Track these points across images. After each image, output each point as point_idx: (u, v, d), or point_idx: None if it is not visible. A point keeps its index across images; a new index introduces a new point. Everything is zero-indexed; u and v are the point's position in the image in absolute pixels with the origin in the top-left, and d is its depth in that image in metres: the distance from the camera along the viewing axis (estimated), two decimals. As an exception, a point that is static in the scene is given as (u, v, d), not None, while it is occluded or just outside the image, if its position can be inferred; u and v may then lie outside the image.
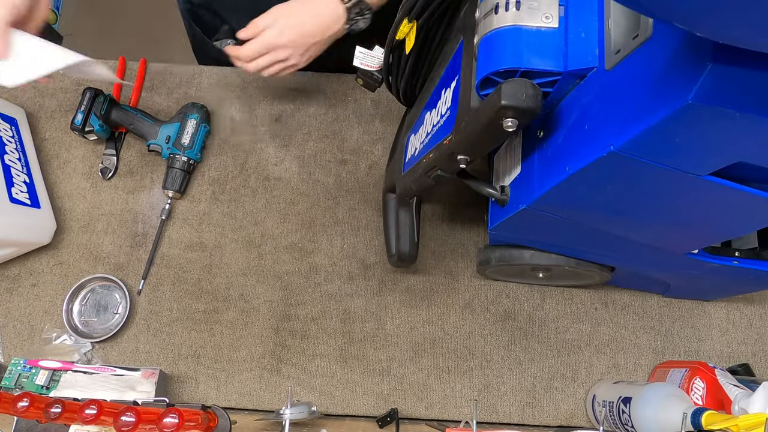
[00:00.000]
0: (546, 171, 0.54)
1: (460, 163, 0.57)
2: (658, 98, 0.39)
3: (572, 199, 0.54)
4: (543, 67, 0.49)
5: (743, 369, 0.78)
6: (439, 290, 0.84)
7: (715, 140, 0.40)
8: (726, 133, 0.39)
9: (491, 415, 0.79)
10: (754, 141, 0.39)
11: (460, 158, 0.56)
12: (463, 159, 0.56)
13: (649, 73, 0.41)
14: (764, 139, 0.39)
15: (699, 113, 0.37)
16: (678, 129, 0.39)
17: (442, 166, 0.60)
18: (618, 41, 0.47)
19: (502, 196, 0.62)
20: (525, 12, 0.49)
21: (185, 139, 0.86)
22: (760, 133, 0.38)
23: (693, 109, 0.36)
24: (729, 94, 0.35)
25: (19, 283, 0.84)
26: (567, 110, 0.52)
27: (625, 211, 0.54)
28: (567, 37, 0.49)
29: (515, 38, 0.49)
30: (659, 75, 0.39)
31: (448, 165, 0.59)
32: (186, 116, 0.88)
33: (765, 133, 0.38)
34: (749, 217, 0.52)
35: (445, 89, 0.62)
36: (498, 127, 0.48)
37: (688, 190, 0.47)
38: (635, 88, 0.42)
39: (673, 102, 0.37)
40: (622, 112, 0.43)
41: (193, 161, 0.88)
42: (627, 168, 0.45)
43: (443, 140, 0.58)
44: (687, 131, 0.39)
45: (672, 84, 0.38)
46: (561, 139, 0.52)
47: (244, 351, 0.81)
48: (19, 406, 0.55)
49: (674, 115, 0.37)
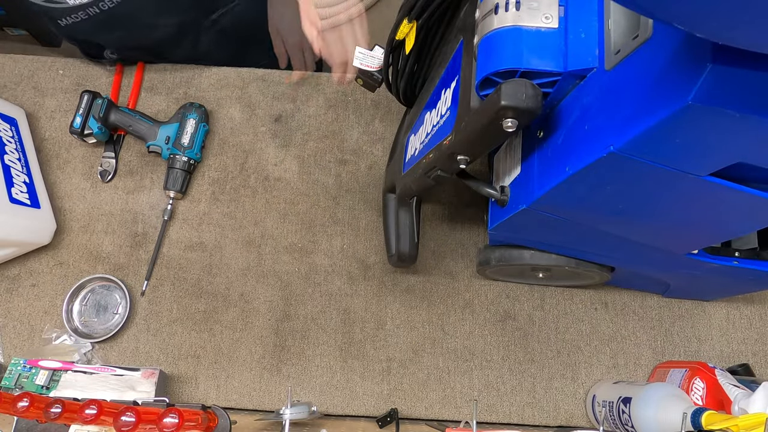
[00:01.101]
0: (546, 171, 0.54)
1: (460, 164, 0.57)
2: (658, 98, 0.39)
3: (572, 200, 0.54)
4: (543, 68, 0.49)
5: (743, 369, 0.78)
6: (439, 290, 0.84)
7: (715, 141, 0.40)
8: (726, 134, 0.39)
9: (491, 415, 0.79)
10: (754, 142, 0.39)
11: (460, 158, 0.56)
12: (462, 159, 0.56)
13: (649, 74, 0.41)
14: (764, 140, 0.39)
15: (699, 114, 0.37)
16: (678, 129, 0.39)
17: (442, 166, 0.60)
18: (618, 41, 0.47)
19: (502, 197, 0.62)
20: (525, 12, 0.49)
21: (185, 139, 0.87)
22: (760, 133, 0.38)
23: (693, 110, 0.36)
24: (729, 94, 0.35)
25: (19, 283, 0.84)
26: (567, 110, 0.52)
27: (625, 212, 0.54)
28: (567, 38, 0.49)
29: (515, 38, 0.49)
30: (659, 75, 0.39)
31: (448, 165, 0.59)
32: (185, 116, 0.88)
33: (765, 134, 0.38)
34: (749, 217, 0.52)
35: (445, 89, 0.62)
36: (498, 127, 0.48)
37: (688, 190, 0.47)
38: (635, 89, 0.42)
39: (673, 102, 0.37)
40: (622, 112, 0.43)
41: (193, 161, 0.88)
42: (627, 168, 0.45)
43: (443, 140, 0.58)
44: (687, 132, 0.39)
45: (672, 84, 0.38)
46: (561, 140, 0.52)
47: (244, 351, 0.81)
48: (19, 406, 0.55)
49: (674, 116, 0.37)
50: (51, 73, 0.94)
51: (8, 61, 0.94)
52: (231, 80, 0.94)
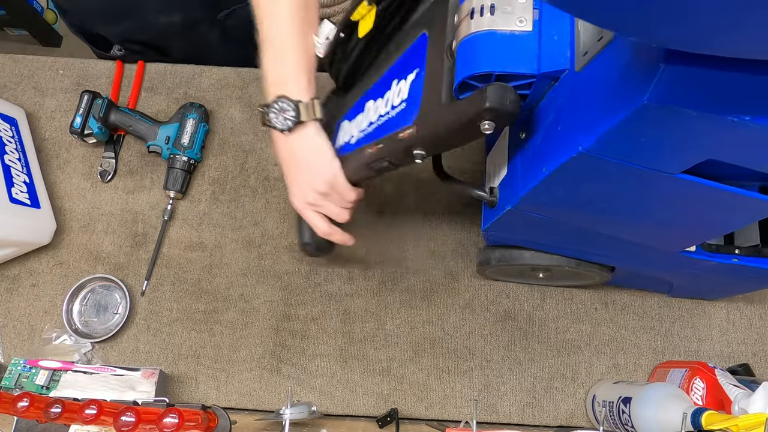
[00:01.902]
0: (527, 172, 0.55)
1: (416, 158, 0.57)
2: (618, 99, 0.40)
3: (553, 199, 0.55)
4: (517, 70, 0.49)
5: (743, 369, 0.78)
6: (439, 290, 0.84)
7: (679, 139, 0.41)
8: (687, 132, 0.39)
9: (491, 415, 0.79)
10: (716, 139, 0.40)
11: (417, 153, 0.56)
12: (419, 154, 0.56)
13: (611, 75, 0.42)
14: (726, 137, 0.39)
15: (656, 113, 0.37)
16: (639, 129, 0.40)
17: (394, 158, 0.60)
18: (586, 43, 0.48)
19: (490, 198, 0.63)
20: (499, 17, 0.50)
21: (185, 139, 0.86)
22: (721, 131, 0.38)
23: (649, 110, 0.37)
24: (684, 93, 0.36)
25: (19, 283, 0.84)
26: (544, 112, 0.53)
27: (606, 211, 0.55)
28: (540, 40, 0.50)
29: (490, 42, 0.50)
30: (620, 76, 0.40)
31: (401, 158, 0.59)
32: (185, 116, 0.88)
33: (726, 131, 0.38)
34: (729, 214, 0.52)
35: (399, 80, 0.61)
36: (475, 128, 0.49)
37: (662, 188, 0.48)
38: (600, 89, 0.43)
39: (631, 102, 0.38)
40: (589, 112, 0.44)
41: (193, 161, 0.88)
42: (598, 168, 0.46)
43: (398, 132, 0.58)
44: (649, 131, 0.40)
45: (630, 85, 0.39)
46: (540, 141, 0.53)
47: (244, 351, 0.81)
48: (19, 406, 0.55)
49: (633, 116, 0.38)
50: (51, 73, 0.94)
51: (8, 61, 0.95)
52: (231, 80, 0.94)
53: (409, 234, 0.87)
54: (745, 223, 0.56)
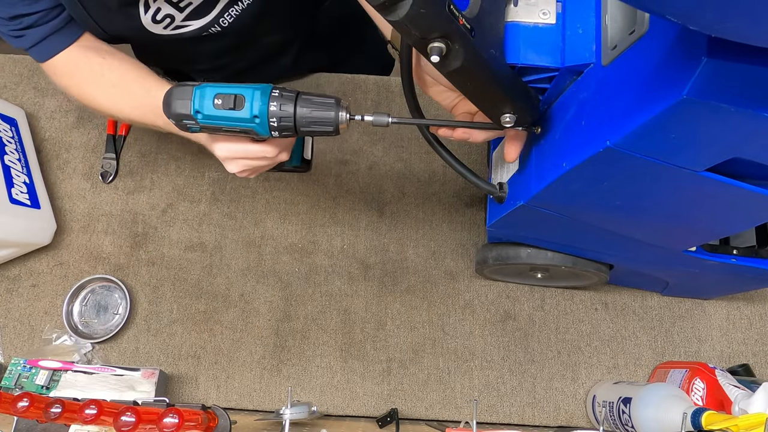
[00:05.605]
0: (543, 167, 0.54)
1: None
2: (653, 93, 0.39)
3: (569, 196, 0.54)
4: (539, 63, 0.49)
5: (743, 369, 0.78)
6: (439, 290, 0.84)
7: (711, 136, 0.40)
8: (721, 129, 0.39)
9: (491, 415, 0.79)
10: (749, 136, 0.39)
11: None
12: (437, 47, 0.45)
13: (645, 69, 0.41)
14: (760, 135, 0.39)
15: (694, 108, 0.37)
16: (673, 124, 0.39)
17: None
18: (615, 37, 0.47)
19: (500, 193, 0.62)
20: (522, 8, 0.50)
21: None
22: (756, 128, 0.38)
23: (688, 104, 0.36)
24: (724, 88, 0.35)
25: (19, 283, 0.84)
26: (564, 106, 0.52)
27: (622, 208, 0.55)
28: (564, 33, 0.50)
29: (512, 34, 0.50)
30: (655, 70, 0.40)
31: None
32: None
33: (761, 129, 0.37)
34: (746, 213, 0.52)
35: None
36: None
37: (684, 185, 0.47)
38: (631, 84, 0.43)
39: (669, 97, 0.37)
40: (618, 107, 0.43)
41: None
42: (623, 163, 0.45)
43: None
44: (682, 126, 0.39)
45: (667, 79, 0.38)
46: (558, 136, 0.53)
47: (244, 351, 0.81)
48: (19, 406, 0.55)
49: (669, 110, 0.37)
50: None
51: (8, 61, 0.95)
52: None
53: (409, 234, 0.87)
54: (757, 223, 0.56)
